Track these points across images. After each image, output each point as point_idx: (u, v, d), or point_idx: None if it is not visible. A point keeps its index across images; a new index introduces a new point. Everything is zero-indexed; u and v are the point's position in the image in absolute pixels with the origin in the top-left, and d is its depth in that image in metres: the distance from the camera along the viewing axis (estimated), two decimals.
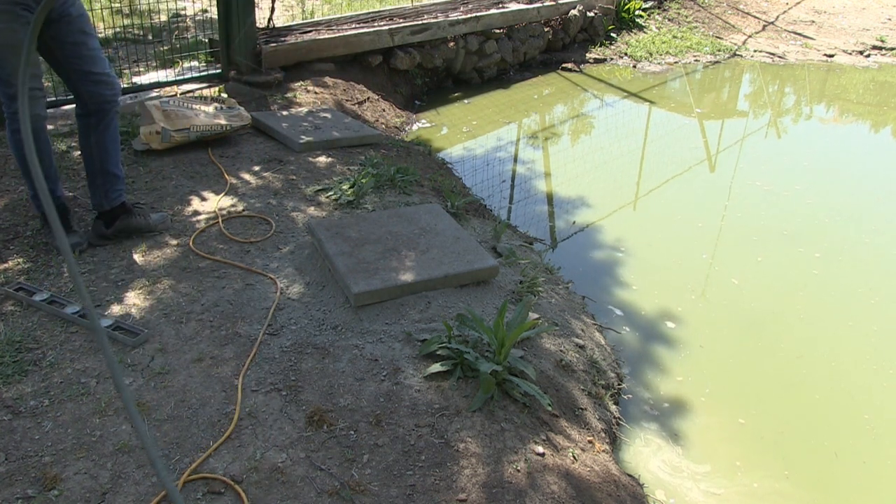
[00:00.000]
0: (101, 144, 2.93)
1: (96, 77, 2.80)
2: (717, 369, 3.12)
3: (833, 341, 3.32)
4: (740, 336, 3.37)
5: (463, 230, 3.24)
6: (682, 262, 4.00)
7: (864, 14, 10.23)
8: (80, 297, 1.48)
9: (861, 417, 2.79)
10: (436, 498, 1.96)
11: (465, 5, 7.49)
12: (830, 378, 3.04)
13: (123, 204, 3.06)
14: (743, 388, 2.98)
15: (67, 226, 2.97)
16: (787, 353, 3.20)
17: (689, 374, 3.09)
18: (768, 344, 3.29)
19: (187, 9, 7.30)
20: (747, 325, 3.45)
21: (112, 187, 3.00)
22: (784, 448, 2.64)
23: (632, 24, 9.14)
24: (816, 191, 5.06)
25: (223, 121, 4.17)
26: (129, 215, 3.08)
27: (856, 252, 4.20)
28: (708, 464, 2.58)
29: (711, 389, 2.96)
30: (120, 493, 1.89)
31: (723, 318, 3.50)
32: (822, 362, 3.14)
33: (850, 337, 3.35)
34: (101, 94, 2.84)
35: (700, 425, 2.77)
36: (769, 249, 4.18)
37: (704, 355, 3.22)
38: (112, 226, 3.05)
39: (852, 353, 3.21)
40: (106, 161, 2.96)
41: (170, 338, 2.51)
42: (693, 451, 2.64)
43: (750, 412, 2.81)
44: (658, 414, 2.86)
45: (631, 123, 6.46)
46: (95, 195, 3.01)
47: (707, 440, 2.69)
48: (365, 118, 5.43)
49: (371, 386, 2.35)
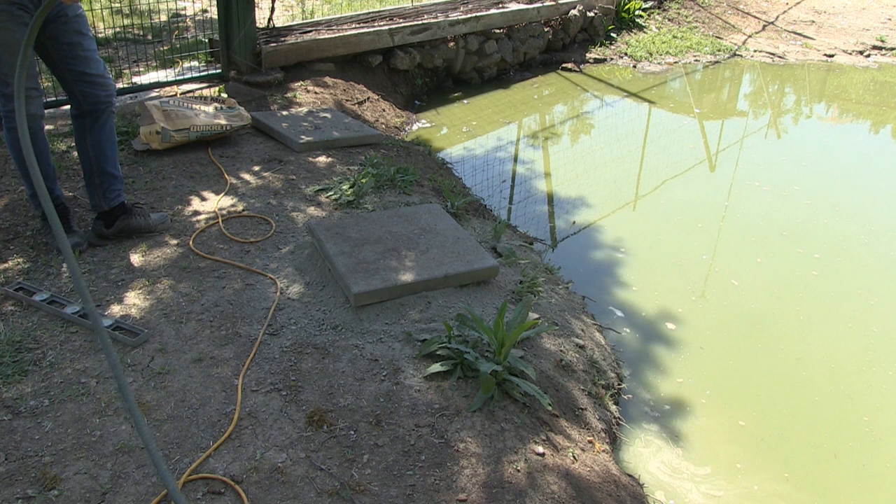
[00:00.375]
0: (98, 145, 2.93)
1: (90, 78, 2.80)
2: (717, 370, 3.12)
3: (832, 342, 3.32)
4: (740, 337, 3.37)
5: (463, 230, 3.24)
6: (682, 262, 4.00)
7: (864, 14, 10.23)
8: (82, 300, 1.48)
9: (860, 419, 2.78)
10: (436, 498, 1.96)
11: (465, 5, 7.49)
12: (830, 379, 3.04)
13: (123, 204, 3.06)
14: (743, 389, 2.98)
15: (67, 226, 2.97)
16: (786, 354, 3.19)
17: (689, 376, 3.09)
18: (768, 345, 3.29)
19: (187, 9, 7.30)
20: (747, 325, 3.45)
21: (110, 187, 3.00)
22: (784, 450, 2.64)
23: (632, 24, 9.14)
24: (816, 191, 5.06)
25: (223, 121, 4.17)
26: (129, 215, 3.07)
27: (855, 253, 4.20)
28: (708, 465, 2.58)
29: (712, 391, 2.96)
30: (120, 493, 1.89)
31: (723, 319, 3.50)
32: (822, 363, 3.14)
33: (850, 338, 3.35)
34: (96, 95, 2.84)
35: (700, 427, 2.76)
36: (769, 250, 4.18)
37: (705, 357, 3.22)
38: (112, 226, 3.04)
39: (851, 354, 3.21)
40: (103, 162, 2.95)
41: (170, 338, 2.51)
42: (693, 452, 2.64)
43: (750, 414, 2.81)
44: (658, 415, 2.86)
45: (631, 123, 6.46)
46: (94, 196, 3.01)
47: (707, 441, 2.69)
48: (365, 118, 5.43)
49: (371, 386, 2.35)
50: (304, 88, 5.43)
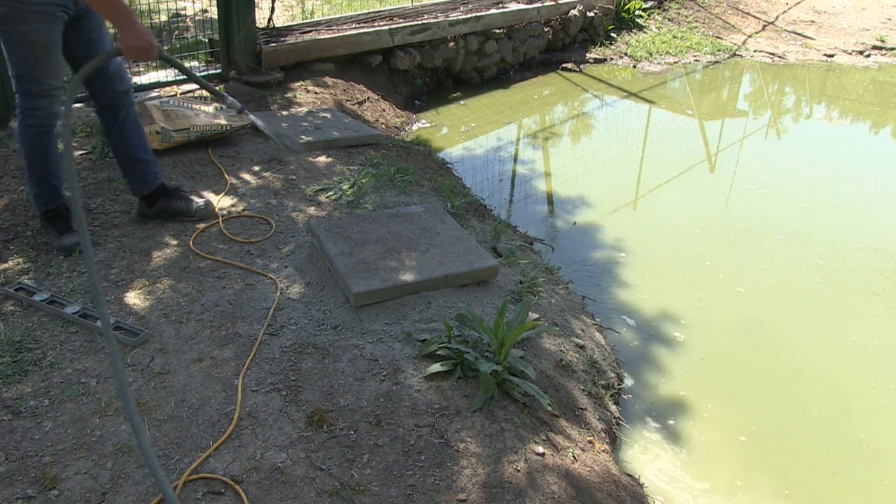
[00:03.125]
0: (124, 137, 3.04)
1: (106, 74, 2.87)
2: (718, 379, 3.11)
3: (832, 354, 3.27)
4: (740, 341, 3.36)
5: (463, 230, 3.24)
6: (682, 263, 4.00)
7: (864, 14, 10.23)
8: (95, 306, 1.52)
9: (858, 437, 2.75)
10: (436, 498, 1.96)
11: (465, 5, 7.49)
12: (828, 393, 3.00)
13: (163, 185, 3.19)
14: (744, 402, 2.92)
15: (67, 226, 2.98)
16: (786, 365, 3.14)
17: (690, 388, 3.08)
18: (768, 353, 3.25)
19: (187, 9, 7.30)
20: (747, 330, 3.43)
21: (146, 172, 3.12)
22: (784, 466, 2.60)
23: (632, 24, 9.14)
24: (816, 191, 5.06)
25: (223, 121, 4.17)
26: (170, 198, 3.21)
27: (855, 259, 4.20)
28: (708, 481, 2.55)
29: (713, 403, 2.93)
30: (120, 493, 1.89)
31: (723, 321, 3.50)
32: (821, 376, 3.09)
33: (849, 350, 3.30)
34: (113, 90, 2.92)
35: (703, 441, 2.71)
36: (768, 251, 4.18)
37: (706, 367, 3.21)
38: (154, 206, 3.19)
39: (851, 368, 3.16)
40: (132, 151, 3.07)
41: (170, 338, 2.51)
42: (694, 468, 2.60)
43: (751, 429, 2.77)
44: (659, 426, 2.86)
45: (631, 123, 6.46)
46: (133, 182, 3.15)
47: (709, 457, 2.65)
48: (365, 118, 5.43)
49: (371, 386, 2.35)
50: (304, 88, 5.43)
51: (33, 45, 2.60)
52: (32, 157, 2.84)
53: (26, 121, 2.78)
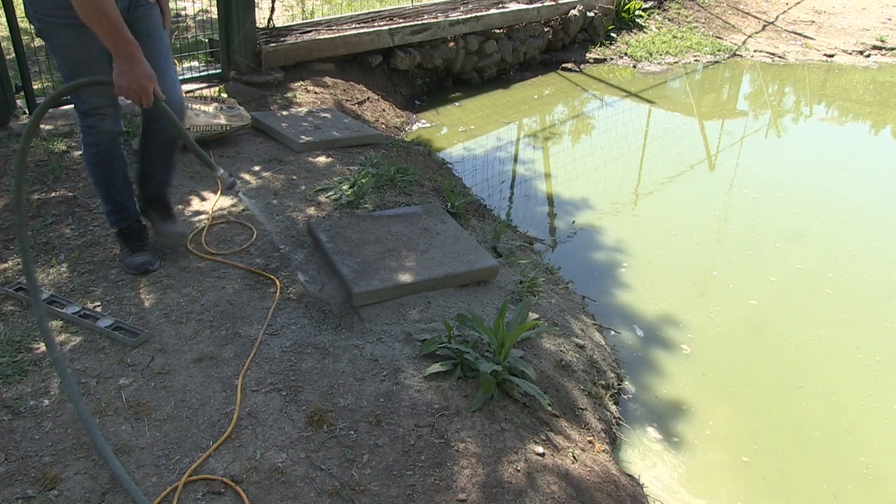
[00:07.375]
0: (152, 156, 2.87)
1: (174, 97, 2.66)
2: (718, 381, 3.09)
3: (835, 368, 3.20)
4: (741, 344, 3.34)
5: (463, 230, 3.24)
6: (681, 263, 4.00)
7: (864, 14, 10.23)
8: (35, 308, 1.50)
9: (858, 460, 2.70)
10: (436, 498, 1.96)
11: (465, 5, 7.49)
12: (829, 413, 2.94)
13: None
14: (744, 412, 2.90)
15: (140, 244, 2.90)
16: (787, 381, 3.09)
17: (688, 389, 3.09)
18: (770, 364, 3.20)
19: (187, 9, 7.30)
20: (748, 334, 3.40)
21: None
22: (786, 488, 2.57)
23: (632, 24, 9.14)
24: (816, 191, 5.06)
25: (223, 121, 4.17)
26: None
27: (854, 265, 4.19)
28: (706, 499, 2.52)
29: (712, 405, 2.91)
30: (120, 493, 1.89)
31: (723, 322, 3.50)
32: (822, 395, 3.03)
33: (853, 366, 3.23)
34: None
35: (705, 463, 2.68)
36: (769, 252, 4.18)
37: (706, 367, 3.21)
38: None
39: (853, 386, 3.10)
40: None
41: (170, 338, 2.51)
42: (696, 486, 2.57)
43: (753, 448, 2.72)
44: (658, 433, 2.86)
45: (631, 123, 6.46)
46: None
47: (711, 479, 2.61)
48: (365, 118, 5.43)
49: (371, 386, 2.35)
50: (304, 88, 5.43)
51: (71, 62, 2.45)
52: (96, 176, 2.74)
53: (85, 139, 2.67)
